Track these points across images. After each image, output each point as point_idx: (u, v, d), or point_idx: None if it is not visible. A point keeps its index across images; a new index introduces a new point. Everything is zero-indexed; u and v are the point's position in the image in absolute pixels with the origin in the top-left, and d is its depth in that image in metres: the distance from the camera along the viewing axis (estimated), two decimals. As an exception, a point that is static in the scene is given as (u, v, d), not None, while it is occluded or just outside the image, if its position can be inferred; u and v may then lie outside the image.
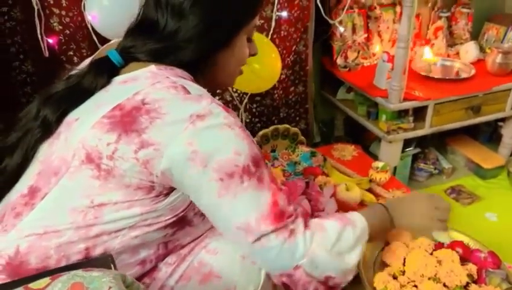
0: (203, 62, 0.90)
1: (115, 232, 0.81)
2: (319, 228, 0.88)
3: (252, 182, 0.80)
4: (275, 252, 0.83)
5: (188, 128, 0.76)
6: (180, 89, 0.80)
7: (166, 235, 0.88)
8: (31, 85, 1.58)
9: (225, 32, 0.89)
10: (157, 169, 0.77)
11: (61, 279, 0.64)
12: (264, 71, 0.98)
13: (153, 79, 0.81)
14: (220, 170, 0.77)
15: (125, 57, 0.87)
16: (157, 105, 0.77)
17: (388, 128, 1.88)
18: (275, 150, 1.56)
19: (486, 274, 1.11)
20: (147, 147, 0.76)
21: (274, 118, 1.98)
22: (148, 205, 0.81)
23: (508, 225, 1.89)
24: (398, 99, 1.79)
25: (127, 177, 0.78)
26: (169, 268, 0.91)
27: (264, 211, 0.81)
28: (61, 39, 1.53)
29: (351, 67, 2.13)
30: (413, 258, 1.13)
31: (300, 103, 2.05)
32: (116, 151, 0.77)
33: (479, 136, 2.44)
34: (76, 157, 0.79)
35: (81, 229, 0.79)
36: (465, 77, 2.04)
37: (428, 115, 1.89)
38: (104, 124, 0.78)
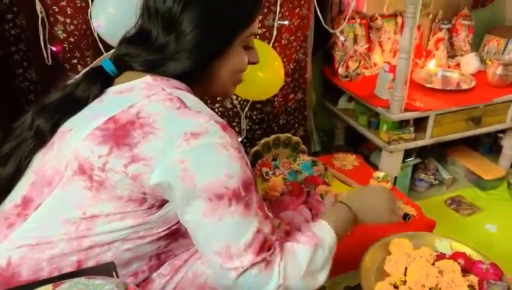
0: (198, 73, 0.88)
1: (107, 244, 0.80)
2: (291, 255, 0.85)
3: (239, 207, 0.78)
4: (248, 283, 0.80)
5: (182, 145, 0.74)
6: (176, 101, 0.78)
7: (159, 248, 0.87)
8: (34, 93, 1.58)
9: (217, 44, 0.86)
10: (146, 183, 0.76)
11: (63, 286, 0.63)
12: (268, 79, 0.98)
13: (148, 90, 0.80)
14: (209, 190, 0.75)
15: (119, 66, 0.86)
16: (151, 119, 0.76)
17: (389, 139, 1.89)
18: (276, 158, 1.57)
19: (488, 286, 1.11)
20: (137, 161, 0.75)
21: (274, 125, 1.99)
22: (141, 217, 0.80)
23: (508, 236, 1.89)
24: (399, 109, 1.80)
25: (118, 189, 0.77)
26: (163, 280, 0.89)
27: (247, 239, 0.79)
28: (66, 47, 1.53)
29: (352, 77, 2.15)
30: (415, 268, 1.13)
31: (299, 110, 2.06)
32: (107, 163, 0.76)
33: (479, 147, 2.45)
34: (69, 168, 0.79)
35: (73, 240, 0.79)
36: (465, 88, 2.05)
37: (429, 126, 1.89)
38: (96, 136, 0.77)
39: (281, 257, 0.83)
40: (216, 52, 0.87)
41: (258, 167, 1.50)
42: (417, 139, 1.93)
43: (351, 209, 1.02)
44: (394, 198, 1.12)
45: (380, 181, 1.57)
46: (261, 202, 0.83)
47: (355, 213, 1.02)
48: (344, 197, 1.08)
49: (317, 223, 0.95)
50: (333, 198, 1.45)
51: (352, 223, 1.03)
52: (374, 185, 1.22)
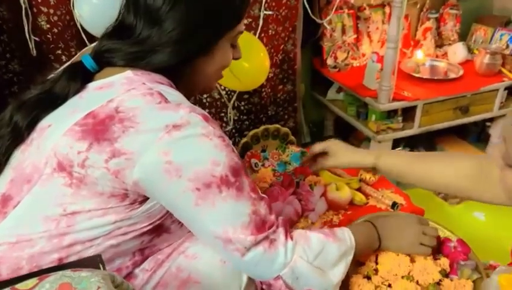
0: (181, 68, 0.87)
1: (89, 241, 0.79)
2: (302, 238, 0.86)
3: (231, 192, 0.78)
4: (254, 262, 0.81)
5: (163, 138, 0.73)
6: (157, 95, 0.77)
7: (142, 243, 0.86)
8: (18, 84, 1.56)
9: (203, 40, 0.86)
10: (128, 179, 0.75)
11: (49, 279, 0.63)
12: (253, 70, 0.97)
13: (128, 85, 0.79)
14: (195, 179, 0.75)
15: (99, 62, 0.84)
16: (131, 114, 0.75)
17: (377, 129, 1.89)
18: (265, 150, 1.56)
19: (458, 267, 1.12)
20: (118, 156, 0.74)
21: (262, 116, 1.98)
22: (123, 213, 0.79)
23: (495, 223, 1.91)
24: (387, 99, 1.80)
25: (99, 185, 0.76)
26: (146, 275, 0.88)
27: (243, 220, 0.79)
28: (49, 38, 1.51)
29: (341, 68, 2.14)
30: (386, 256, 1.13)
31: (288, 101, 2.06)
32: (87, 159, 0.75)
33: (468, 136, 2.47)
34: (48, 164, 0.77)
35: (54, 238, 0.77)
36: (453, 77, 2.06)
37: (417, 115, 1.90)
38: (75, 131, 0.76)
39: (285, 235, 0.83)
40: (201, 48, 0.86)
41: (247, 158, 1.49)
42: (405, 129, 1.93)
43: (376, 229, 1.02)
44: (428, 231, 1.10)
45: (368, 171, 1.57)
46: (253, 184, 0.83)
47: (380, 234, 1.02)
48: (372, 218, 1.08)
49: (339, 228, 0.94)
50: (322, 188, 1.45)
51: (374, 243, 1.02)
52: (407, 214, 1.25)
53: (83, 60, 0.84)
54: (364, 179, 1.57)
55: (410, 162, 1.15)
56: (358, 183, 1.53)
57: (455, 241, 1.19)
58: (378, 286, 1.11)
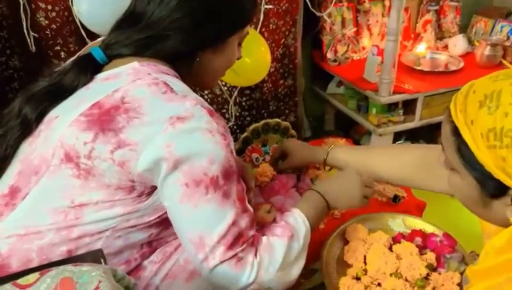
0: (190, 59, 0.88)
1: (98, 233, 0.80)
2: (268, 250, 0.85)
3: (217, 196, 0.77)
4: (220, 276, 0.81)
5: (167, 129, 0.74)
6: (162, 85, 0.78)
7: (151, 235, 0.87)
8: (18, 81, 1.56)
9: (214, 33, 0.87)
10: (134, 170, 0.76)
11: (50, 274, 0.63)
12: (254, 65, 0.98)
13: (134, 76, 0.79)
14: (188, 175, 0.75)
15: (108, 54, 0.85)
16: (136, 104, 0.75)
17: (378, 122, 1.89)
18: (266, 144, 1.56)
19: (444, 260, 1.13)
20: (123, 147, 0.74)
21: (263, 112, 1.97)
22: (130, 205, 0.80)
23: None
24: (388, 92, 1.80)
25: (106, 177, 0.77)
26: (155, 267, 0.89)
27: (220, 229, 0.78)
28: (48, 34, 1.51)
29: (341, 61, 2.14)
30: (373, 255, 1.14)
31: (289, 96, 2.05)
32: (93, 150, 0.75)
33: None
34: (55, 156, 0.78)
35: (62, 230, 0.78)
36: (454, 69, 2.05)
37: (418, 108, 1.90)
38: (81, 122, 0.76)
39: (255, 253, 0.83)
40: (211, 41, 0.87)
41: (247, 153, 1.49)
42: (406, 122, 1.93)
43: (323, 196, 1.02)
44: (365, 181, 1.10)
45: (370, 164, 1.57)
46: (242, 194, 0.82)
47: (327, 199, 1.02)
48: (315, 185, 1.09)
49: (290, 212, 0.94)
50: (323, 182, 1.45)
51: (325, 210, 1.03)
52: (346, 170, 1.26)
53: (93, 52, 0.84)
54: (366, 172, 1.57)
55: (358, 157, 1.19)
56: (359, 176, 1.53)
57: (441, 236, 1.21)
58: (368, 286, 1.12)
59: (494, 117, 0.60)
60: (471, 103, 0.64)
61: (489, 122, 0.61)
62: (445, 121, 0.70)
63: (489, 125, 0.61)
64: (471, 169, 0.66)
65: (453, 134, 0.67)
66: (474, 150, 0.63)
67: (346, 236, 1.25)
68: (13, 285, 0.61)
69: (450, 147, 0.69)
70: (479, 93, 0.64)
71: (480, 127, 0.62)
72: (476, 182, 0.67)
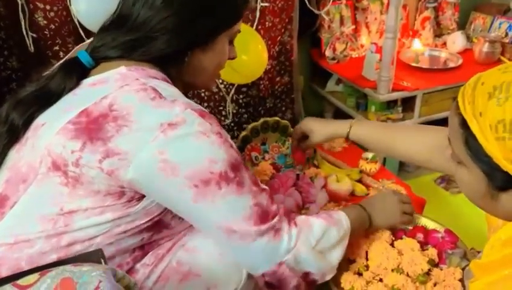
0: (179, 60, 0.86)
1: (88, 240, 0.78)
2: (305, 225, 0.88)
3: (231, 188, 0.78)
4: (259, 250, 0.82)
5: (158, 137, 0.73)
6: (150, 91, 0.76)
7: (142, 240, 0.86)
8: (16, 81, 1.55)
9: (201, 32, 0.85)
10: (123, 178, 0.75)
11: (50, 275, 0.63)
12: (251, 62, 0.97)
13: (122, 81, 0.78)
14: (193, 177, 0.75)
15: (95, 57, 0.83)
16: (125, 112, 0.74)
17: (377, 119, 1.89)
18: (265, 143, 1.56)
19: (446, 256, 1.13)
20: (112, 156, 0.73)
21: (261, 109, 1.97)
22: (120, 210, 0.79)
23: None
24: (386, 90, 1.80)
25: (95, 183, 0.76)
26: (147, 269, 0.88)
27: (245, 213, 0.80)
28: (47, 34, 1.50)
29: (340, 59, 2.14)
30: (375, 251, 1.15)
31: (286, 93, 2.05)
32: (81, 159, 0.74)
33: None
34: (43, 164, 0.77)
35: (52, 237, 0.77)
36: (452, 66, 2.05)
37: (417, 105, 1.90)
38: (68, 130, 0.75)
39: (289, 223, 0.85)
40: (199, 40, 0.86)
41: (246, 152, 1.49)
42: (405, 119, 1.93)
43: (365, 210, 1.06)
44: (403, 199, 1.16)
45: (369, 161, 1.57)
46: (253, 177, 0.83)
47: (370, 214, 1.06)
48: (365, 202, 1.12)
49: (337, 212, 0.98)
50: (323, 180, 1.45)
51: (366, 223, 1.07)
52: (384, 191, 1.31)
53: (79, 56, 0.83)
54: (365, 170, 1.58)
55: (380, 132, 1.19)
56: (358, 174, 1.54)
57: (442, 232, 1.21)
58: (370, 281, 1.12)
59: (504, 108, 0.60)
60: (479, 94, 0.64)
61: (498, 114, 0.60)
62: (452, 114, 0.70)
63: (499, 116, 0.60)
64: (479, 161, 0.65)
65: (460, 126, 0.66)
66: (482, 142, 0.63)
67: None
68: (13, 286, 0.61)
69: (457, 140, 0.68)
70: (487, 84, 0.64)
71: (489, 118, 0.61)
72: (483, 174, 0.66)
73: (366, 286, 1.10)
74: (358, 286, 1.09)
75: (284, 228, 0.84)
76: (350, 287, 1.09)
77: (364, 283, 1.10)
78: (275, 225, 0.83)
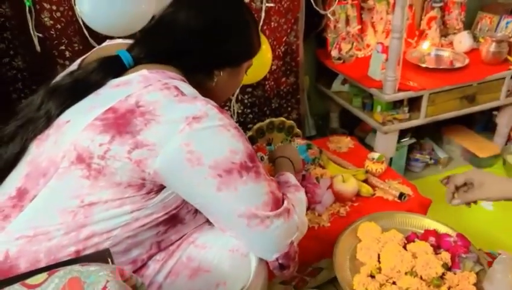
0: (207, 75, 0.95)
1: (106, 233, 0.80)
2: (297, 202, 0.96)
3: (251, 175, 0.83)
4: (277, 231, 0.88)
5: (185, 129, 0.77)
6: (173, 89, 0.82)
7: (158, 233, 0.88)
8: (22, 81, 1.56)
9: (239, 53, 0.98)
10: (150, 168, 0.78)
11: (57, 274, 0.63)
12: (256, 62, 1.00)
13: (144, 82, 0.83)
14: (216, 167, 0.79)
15: (136, 59, 0.89)
16: (151, 107, 0.79)
17: (383, 120, 1.88)
18: (270, 143, 1.56)
19: (460, 260, 1.13)
20: (141, 147, 0.77)
21: (266, 109, 1.97)
22: (139, 202, 0.81)
23: (503, 213, 1.90)
24: (392, 90, 1.79)
25: (117, 175, 0.78)
26: (157, 265, 0.90)
27: (264, 199, 0.86)
28: (53, 34, 1.51)
29: (345, 59, 2.13)
30: (388, 254, 1.14)
31: (292, 93, 2.05)
32: (109, 151, 0.77)
33: (474, 126, 2.45)
34: (66, 158, 0.79)
35: (71, 230, 0.78)
36: (459, 66, 2.04)
37: (423, 105, 1.89)
38: (96, 126, 0.78)
39: (292, 204, 0.93)
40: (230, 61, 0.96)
41: (252, 151, 1.49)
42: (411, 119, 1.92)
43: (292, 163, 1.24)
44: None
45: (375, 162, 1.57)
46: (264, 167, 0.89)
47: (293, 163, 1.24)
48: (279, 153, 1.27)
49: (286, 175, 1.09)
50: (329, 181, 1.45)
51: (293, 170, 1.22)
52: None
53: (121, 55, 0.88)
54: (371, 170, 1.57)
55: None
56: (364, 174, 1.53)
57: (455, 236, 1.20)
58: (383, 284, 1.11)
59: None
60: None
61: None
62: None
63: None
64: None
65: None
66: None
67: (359, 234, 1.25)
68: (22, 285, 0.61)
69: None
70: None
71: None
72: None
73: (380, 288, 1.10)
74: (372, 288, 1.08)
75: (292, 208, 0.91)
76: (364, 289, 1.09)
77: (378, 286, 1.10)
78: (286, 207, 0.90)
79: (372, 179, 1.53)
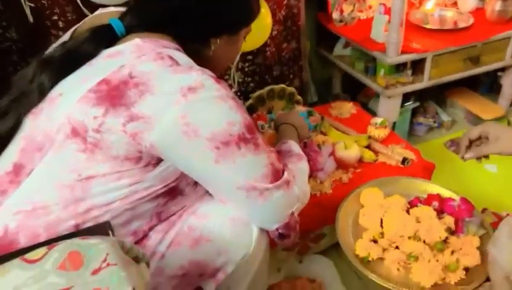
0: (204, 43, 0.92)
1: (105, 205, 0.80)
2: (298, 172, 0.95)
3: (249, 147, 0.81)
4: (277, 203, 0.88)
5: (180, 101, 0.75)
6: (167, 59, 0.79)
7: (157, 205, 0.87)
8: (17, 53, 1.53)
9: (238, 19, 0.94)
10: (146, 141, 0.76)
11: (57, 248, 0.63)
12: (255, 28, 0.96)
13: (138, 52, 0.80)
14: (214, 138, 0.78)
15: (128, 27, 0.86)
16: (145, 78, 0.76)
17: (387, 83, 1.84)
18: (271, 111, 1.53)
19: (464, 224, 1.13)
20: (136, 120, 0.75)
21: (267, 77, 1.93)
22: (137, 175, 0.80)
23: (508, 175, 1.89)
24: (396, 52, 1.74)
25: (114, 148, 0.77)
26: (159, 235, 0.90)
27: (263, 171, 0.84)
28: (45, 4, 1.47)
29: (347, 22, 2.07)
30: (391, 219, 1.14)
31: (294, 60, 2.00)
32: (103, 124, 0.75)
33: (479, 88, 2.41)
34: (61, 132, 0.77)
35: (69, 204, 0.78)
36: (463, 26, 1.98)
37: (427, 68, 1.85)
38: (90, 98, 0.76)
39: (293, 175, 0.92)
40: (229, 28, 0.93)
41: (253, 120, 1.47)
42: (415, 82, 1.88)
43: (296, 129, 1.22)
44: None
45: (378, 127, 1.55)
46: (264, 139, 0.87)
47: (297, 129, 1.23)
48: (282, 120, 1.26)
49: (288, 143, 1.08)
50: (331, 148, 1.43)
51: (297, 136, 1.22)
52: None
53: (113, 24, 0.85)
54: (374, 135, 1.55)
55: None
56: (367, 140, 1.52)
57: (458, 200, 1.19)
58: (386, 249, 1.11)
59: None
60: None
61: None
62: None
63: None
64: None
65: None
66: None
67: (361, 200, 1.25)
68: (22, 260, 0.61)
69: None
70: None
71: None
72: None
73: (383, 253, 1.10)
74: (374, 253, 1.09)
75: (292, 180, 0.90)
76: (366, 254, 1.09)
77: (381, 250, 1.10)
78: (286, 178, 0.88)
79: (375, 144, 1.52)
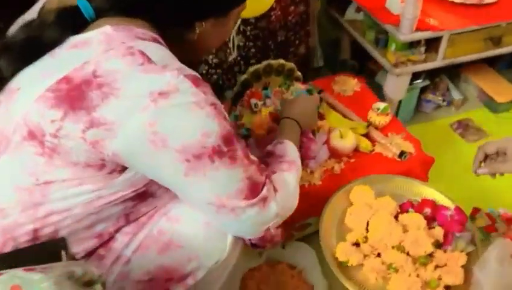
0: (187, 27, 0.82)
1: (66, 211, 0.75)
2: (282, 185, 0.89)
3: (224, 161, 0.75)
4: (249, 222, 0.83)
5: (149, 107, 0.67)
6: (139, 55, 0.70)
7: (125, 208, 0.82)
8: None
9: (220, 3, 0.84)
10: (108, 149, 0.70)
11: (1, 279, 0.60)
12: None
13: (106, 45, 0.71)
14: (184, 150, 0.71)
15: (98, 10, 0.76)
16: (111, 78, 0.68)
17: (396, 60, 1.72)
18: (267, 87, 1.44)
19: (454, 239, 1.08)
20: (97, 126, 0.68)
21: (270, 42, 1.79)
22: (102, 182, 0.75)
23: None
24: (410, 29, 1.60)
25: (73, 154, 0.71)
26: (126, 237, 0.85)
27: (237, 187, 0.79)
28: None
29: (363, -16, 1.90)
30: (377, 224, 1.09)
31: (300, 24, 1.85)
32: (61, 129, 0.69)
33: (497, 64, 2.25)
34: (17, 133, 0.72)
35: (28, 208, 0.74)
36: (489, 2, 1.80)
37: (442, 47, 1.70)
38: (48, 98, 0.69)
39: (274, 188, 0.86)
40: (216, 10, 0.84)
41: (246, 97, 1.38)
42: (427, 61, 1.75)
43: (298, 123, 1.14)
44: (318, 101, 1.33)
45: (379, 114, 1.46)
46: (244, 149, 0.80)
47: (300, 125, 1.15)
48: (286, 112, 1.17)
49: (285, 145, 1.02)
50: (326, 136, 1.36)
51: (299, 134, 1.15)
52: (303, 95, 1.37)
53: (81, 6, 0.75)
54: (374, 122, 1.47)
55: None
56: (365, 129, 1.43)
57: (452, 210, 1.14)
58: (367, 255, 1.07)
59: None
60: None
61: None
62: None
63: None
64: None
65: None
66: None
67: (351, 197, 1.20)
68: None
69: None
70: None
71: None
72: None
73: (363, 259, 1.07)
74: (354, 260, 1.06)
75: (271, 195, 0.84)
76: (346, 259, 1.06)
77: (362, 257, 1.07)
78: (263, 195, 0.82)
79: (374, 132, 1.44)
